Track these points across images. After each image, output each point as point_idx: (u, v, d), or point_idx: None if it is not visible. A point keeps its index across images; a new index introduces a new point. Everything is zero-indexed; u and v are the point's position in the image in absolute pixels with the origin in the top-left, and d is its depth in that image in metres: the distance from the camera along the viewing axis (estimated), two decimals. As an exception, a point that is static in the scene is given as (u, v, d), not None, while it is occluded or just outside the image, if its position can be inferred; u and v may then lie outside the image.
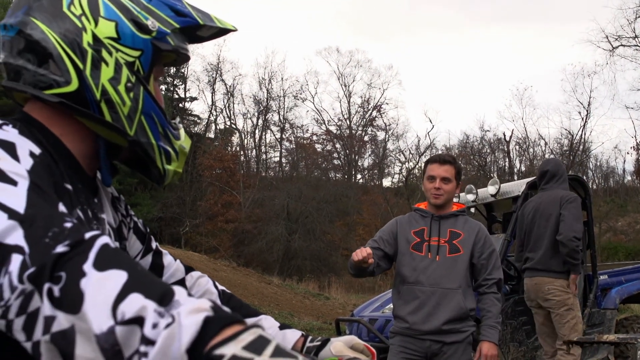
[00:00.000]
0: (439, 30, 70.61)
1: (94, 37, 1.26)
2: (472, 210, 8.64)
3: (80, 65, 1.25)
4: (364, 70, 60.58)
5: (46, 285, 0.88)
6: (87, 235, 0.93)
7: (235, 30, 1.48)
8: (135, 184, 32.04)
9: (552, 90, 72.04)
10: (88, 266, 0.88)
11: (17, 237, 0.93)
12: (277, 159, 46.01)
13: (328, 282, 25.62)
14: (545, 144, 41.72)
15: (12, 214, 0.96)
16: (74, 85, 1.25)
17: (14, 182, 1.02)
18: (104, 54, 1.26)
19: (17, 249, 0.92)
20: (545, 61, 63.79)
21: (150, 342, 0.82)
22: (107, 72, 1.26)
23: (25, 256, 0.91)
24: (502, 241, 7.31)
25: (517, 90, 58.25)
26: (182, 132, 1.45)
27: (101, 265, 0.89)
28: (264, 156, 45.55)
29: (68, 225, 0.96)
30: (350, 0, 67.99)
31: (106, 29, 1.27)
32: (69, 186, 1.25)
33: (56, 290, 0.87)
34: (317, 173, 43.55)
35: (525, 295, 6.06)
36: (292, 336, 1.54)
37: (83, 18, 1.26)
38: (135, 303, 0.84)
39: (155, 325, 0.83)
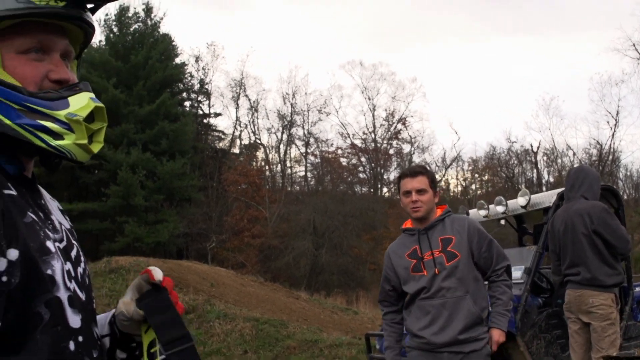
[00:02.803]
0: (463, 41, 70.46)
1: None
2: (502, 222, 8.53)
3: None
4: (388, 83, 60.46)
5: None
6: None
7: None
8: (162, 200, 32.23)
9: (579, 99, 71.36)
10: None
11: None
12: (302, 173, 46.10)
13: (356, 296, 25.48)
14: (574, 154, 41.33)
15: None
16: None
17: None
18: None
19: None
20: (571, 71, 63.26)
21: None
22: None
23: None
24: (533, 253, 7.21)
25: (543, 101, 57.95)
26: (74, 97, 1.30)
27: None
28: (289, 171, 45.63)
29: None
30: (373, 13, 68.11)
31: None
32: (12, 192, 1.22)
33: None
34: (342, 187, 43.50)
35: (565, 306, 5.94)
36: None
37: None
38: None
39: None
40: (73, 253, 1.36)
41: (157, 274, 1.40)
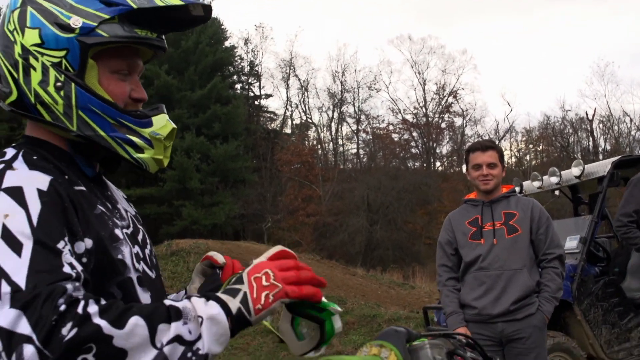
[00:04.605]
0: (512, 10, 69.13)
1: (22, 47, 1.38)
2: (557, 192, 8.52)
3: (15, 75, 1.39)
4: (438, 57, 59.94)
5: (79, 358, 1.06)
6: (80, 308, 1.10)
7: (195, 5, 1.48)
8: (217, 182, 32.71)
9: (635, 64, 69.37)
10: (108, 329, 1.09)
11: (24, 326, 1.07)
12: (355, 150, 46.15)
13: (412, 271, 25.55)
14: (631, 120, 40.45)
15: (15, 293, 1.10)
16: (15, 94, 1.40)
17: (19, 247, 1.15)
18: (32, 60, 1.38)
19: (27, 339, 1.06)
20: (626, 35, 61.50)
21: (195, 341, 1.14)
22: (36, 77, 1.38)
23: (37, 344, 1.05)
24: (589, 222, 7.21)
25: (598, 67, 56.41)
26: (157, 118, 1.49)
27: (117, 323, 1.10)
28: (341, 149, 45.72)
29: (69, 287, 1.12)
30: (420, -14, 67.21)
31: (31, 37, 1.38)
32: (82, 188, 1.39)
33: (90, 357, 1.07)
34: (395, 163, 43.43)
35: None
36: None
37: (15, 32, 1.39)
38: (165, 331, 1.13)
39: (190, 331, 1.15)
40: (140, 237, 1.54)
41: (219, 257, 1.67)
